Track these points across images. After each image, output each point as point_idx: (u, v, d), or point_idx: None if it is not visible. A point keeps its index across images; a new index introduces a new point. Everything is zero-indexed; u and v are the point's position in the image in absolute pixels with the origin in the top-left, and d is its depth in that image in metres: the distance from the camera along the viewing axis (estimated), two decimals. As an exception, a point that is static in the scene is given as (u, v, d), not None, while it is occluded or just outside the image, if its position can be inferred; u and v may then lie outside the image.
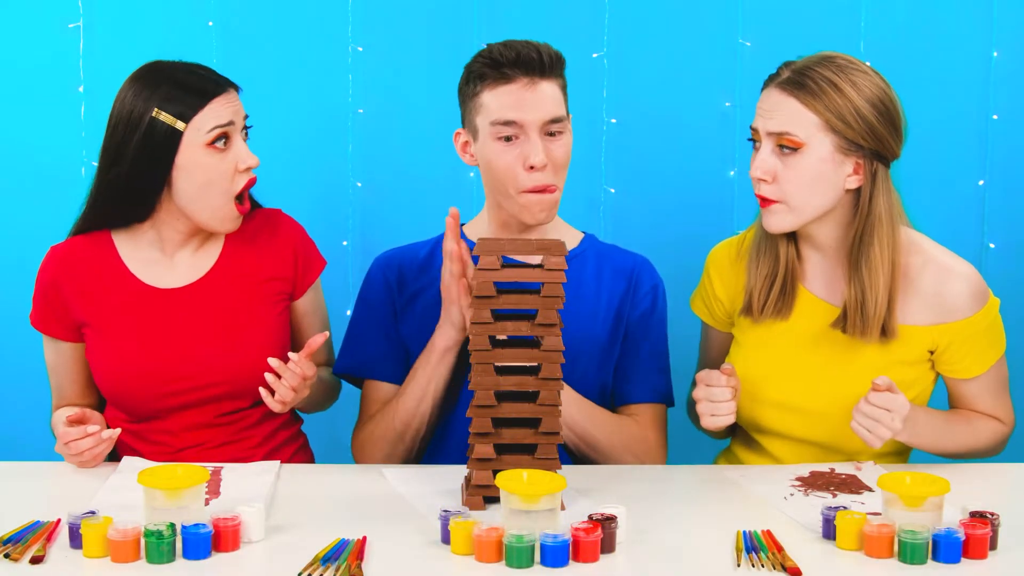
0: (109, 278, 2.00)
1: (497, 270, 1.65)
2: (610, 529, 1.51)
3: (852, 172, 1.88)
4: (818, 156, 1.86)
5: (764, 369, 1.98)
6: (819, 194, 1.88)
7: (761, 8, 2.65)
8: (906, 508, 1.52)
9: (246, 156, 1.94)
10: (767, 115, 1.89)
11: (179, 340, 1.98)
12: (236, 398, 2.00)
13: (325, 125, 2.66)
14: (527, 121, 1.92)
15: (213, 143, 1.91)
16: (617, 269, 2.09)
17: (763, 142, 1.89)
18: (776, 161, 1.88)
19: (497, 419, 1.66)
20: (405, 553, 1.51)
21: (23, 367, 2.59)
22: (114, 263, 2.01)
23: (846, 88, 1.85)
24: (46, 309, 2.01)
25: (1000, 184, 2.67)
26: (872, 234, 1.88)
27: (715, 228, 2.53)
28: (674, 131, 2.68)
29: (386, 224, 2.65)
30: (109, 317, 1.99)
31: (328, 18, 2.64)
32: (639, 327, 2.06)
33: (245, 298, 2.02)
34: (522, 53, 1.92)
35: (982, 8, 2.64)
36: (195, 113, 1.90)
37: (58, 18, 2.61)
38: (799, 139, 1.85)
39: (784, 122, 1.86)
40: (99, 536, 1.47)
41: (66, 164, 2.61)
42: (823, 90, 1.85)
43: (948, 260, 1.94)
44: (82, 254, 2.01)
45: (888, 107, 1.87)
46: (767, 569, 1.46)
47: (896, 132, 1.89)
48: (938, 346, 1.94)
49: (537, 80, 1.92)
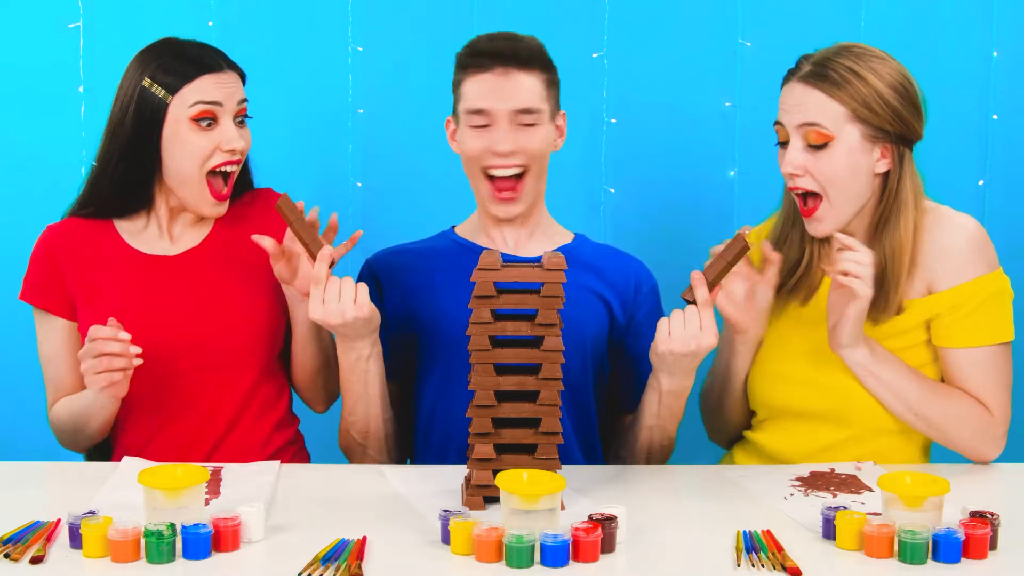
0: (106, 250, 2.01)
1: (497, 270, 1.65)
2: (610, 529, 1.51)
3: (880, 157, 1.90)
4: (848, 147, 1.87)
5: (780, 343, 2.00)
6: (855, 184, 1.89)
7: (761, 8, 2.65)
8: (906, 508, 1.52)
9: (231, 138, 1.94)
10: (793, 110, 1.90)
11: (171, 308, 1.98)
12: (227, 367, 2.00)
13: (325, 125, 2.66)
14: (497, 109, 1.95)
15: (197, 120, 1.91)
16: (618, 266, 2.09)
17: (792, 137, 1.90)
18: (807, 156, 1.89)
19: (497, 419, 1.66)
20: (405, 553, 1.51)
21: (23, 367, 2.58)
22: (113, 239, 2.02)
23: (868, 76, 1.87)
24: (41, 281, 2.01)
25: (1000, 184, 2.67)
26: (899, 216, 1.90)
27: (715, 228, 2.53)
28: (674, 131, 2.68)
29: (386, 224, 2.64)
30: (103, 286, 1.99)
31: (328, 18, 2.64)
32: (646, 326, 2.06)
33: (238, 268, 2.02)
34: (499, 44, 1.97)
35: (982, 8, 2.64)
36: (182, 86, 1.91)
37: (58, 18, 2.61)
38: (829, 131, 1.87)
39: (812, 115, 1.87)
40: (99, 536, 1.47)
41: (66, 164, 2.61)
42: (847, 80, 1.86)
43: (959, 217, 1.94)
44: (80, 231, 2.02)
45: (908, 90, 1.89)
46: (767, 569, 1.46)
47: (918, 113, 1.91)
48: (937, 313, 1.91)
49: (512, 71, 1.95)
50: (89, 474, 1.86)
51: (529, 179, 2.00)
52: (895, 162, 1.90)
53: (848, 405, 1.95)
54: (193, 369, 1.99)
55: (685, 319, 1.81)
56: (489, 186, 2.00)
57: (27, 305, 2.05)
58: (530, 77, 1.97)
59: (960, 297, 1.90)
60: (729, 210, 2.67)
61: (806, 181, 1.89)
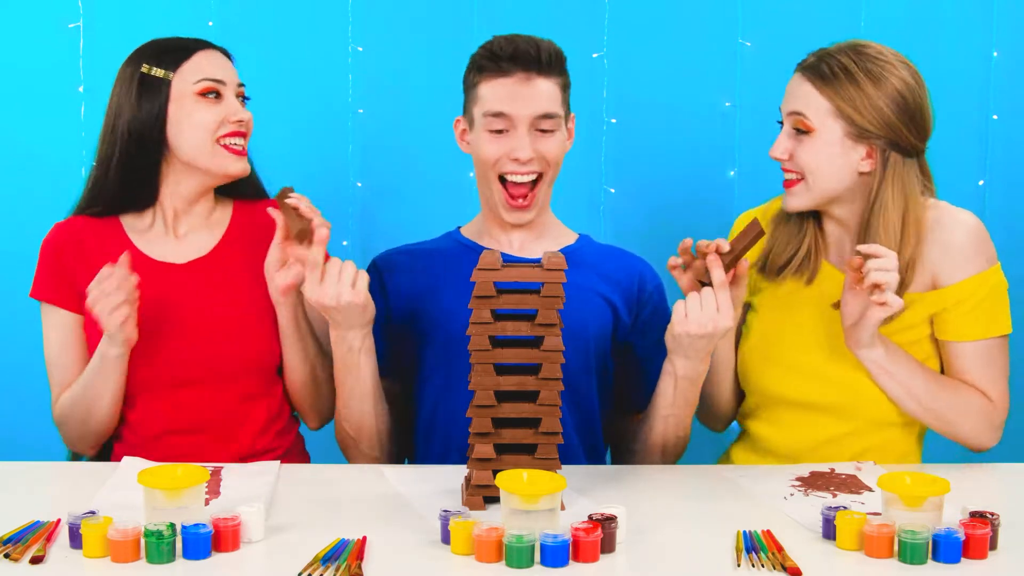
0: (113, 250, 2.00)
1: (497, 270, 1.65)
2: (610, 529, 1.51)
3: (865, 156, 1.93)
4: (826, 140, 1.92)
5: (781, 331, 2.01)
6: (830, 176, 1.94)
7: (761, 8, 2.65)
8: (906, 508, 1.52)
9: (236, 110, 1.97)
10: (787, 97, 1.97)
11: (177, 318, 1.98)
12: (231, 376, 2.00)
13: (325, 125, 2.66)
14: (517, 115, 1.94)
15: (204, 94, 1.94)
16: (623, 266, 2.09)
17: (784, 123, 1.97)
18: (792, 143, 1.95)
19: (497, 419, 1.66)
20: (405, 553, 1.51)
21: (24, 367, 2.59)
22: (119, 239, 2.02)
23: (861, 77, 1.89)
24: (50, 277, 2.01)
25: (1000, 184, 2.67)
26: (877, 220, 1.92)
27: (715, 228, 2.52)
28: (674, 131, 2.68)
29: (386, 224, 2.65)
30: None
31: (328, 18, 2.64)
32: (651, 325, 2.06)
33: (247, 277, 2.02)
34: (520, 48, 1.95)
35: (982, 8, 2.65)
36: (181, 63, 1.95)
37: (58, 18, 2.61)
38: (811, 123, 1.92)
39: (799, 105, 1.94)
40: (99, 536, 1.47)
41: (66, 164, 2.62)
42: (837, 77, 1.90)
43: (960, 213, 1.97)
44: (88, 229, 2.02)
45: (909, 101, 1.90)
46: (767, 569, 1.46)
47: (915, 126, 1.92)
48: (943, 307, 1.94)
49: (533, 76, 1.94)
50: (89, 474, 1.86)
51: (543, 186, 2.00)
52: (878, 166, 1.92)
53: (853, 399, 1.97)
54: (196, 380, 1.99)
55: (702, 300, 1.80)
56: (503, 192, 2.00)
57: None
58: (549, 83, 1.96)
59: (964, 292, 1.93)
60: (729, 210, 2.66)
61: (790, 164, 1.96)
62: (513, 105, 1.94)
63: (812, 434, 2.00)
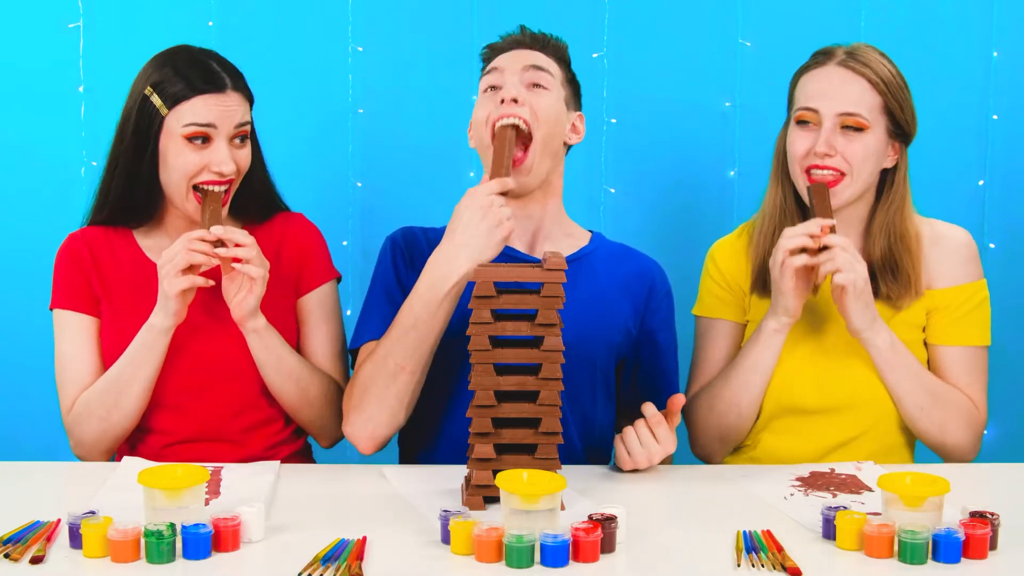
0: (127, 262, 2.02)
1: (497, 270, 1.65)
2: (610, 529, 1.51)
3: (891, 152, 2.01)
4: (877, 136, 1.97)
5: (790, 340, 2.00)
6: (871, 171, 1.99)
7: (761, 8, 2.65)
8: (906, 508, 1.52)
9: (221, 160, 1.93)
10: (830, 95, 1.96)
11: (188, 330, 1.97)
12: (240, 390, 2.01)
13: (325, 125, 2.66)
14: (504, 67, 1.99)
15: (190, 139, 1.92)
16: (635, 271, 2.07)
17: (824, 120, 1.96)
18: (840, 139, 1.96)
19: (497, 419, 1.66)
20: (405, 553, 1.51)
21: (24, 368, 2.59)
22: (132, 250, 2.03)
23: (900, 76, 1.98)
24: (66, 284, 2.02)
25: (1000, 184, 2.67)
26: (903, 208, 2.00)
27: (715, 228, 2.53)
28: (674, 131, 2.68)
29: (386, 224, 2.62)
30: (123, 298, 2.00)
31: (328, 18, 2.64)
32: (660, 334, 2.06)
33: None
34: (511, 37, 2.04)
35: (982, 8, 2.65)
36: (180, 102, 1.92)
37: (58, 18, 2.61)
38: (866, 121, 1.95)
39: (852, 103, 1.95)
40: (99, 536, 1.47)
41: (66, 164, 2.61)
42: (883, 76, 1.96)
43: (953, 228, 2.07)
44: (101, 239, 2.03)
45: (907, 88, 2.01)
46: (767, 569, 1.46)
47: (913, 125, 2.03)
48: (934, 307, 2.01)
49: (523, 49, 2.02)
50: (89, 474, 1.86)
51: (535, 145, 1.95)
52: (902, 157, 2.01)
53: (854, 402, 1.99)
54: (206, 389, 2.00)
55: (639, 436, 1.83)
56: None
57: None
58: (538, 54, 2.01)
59: (957, 298, 2.00)
60: (729, 210, 2.67)
61: (836, 161, 1.96)
62: (500, 63, 2.00)
63: (811, 443, 2.00)
